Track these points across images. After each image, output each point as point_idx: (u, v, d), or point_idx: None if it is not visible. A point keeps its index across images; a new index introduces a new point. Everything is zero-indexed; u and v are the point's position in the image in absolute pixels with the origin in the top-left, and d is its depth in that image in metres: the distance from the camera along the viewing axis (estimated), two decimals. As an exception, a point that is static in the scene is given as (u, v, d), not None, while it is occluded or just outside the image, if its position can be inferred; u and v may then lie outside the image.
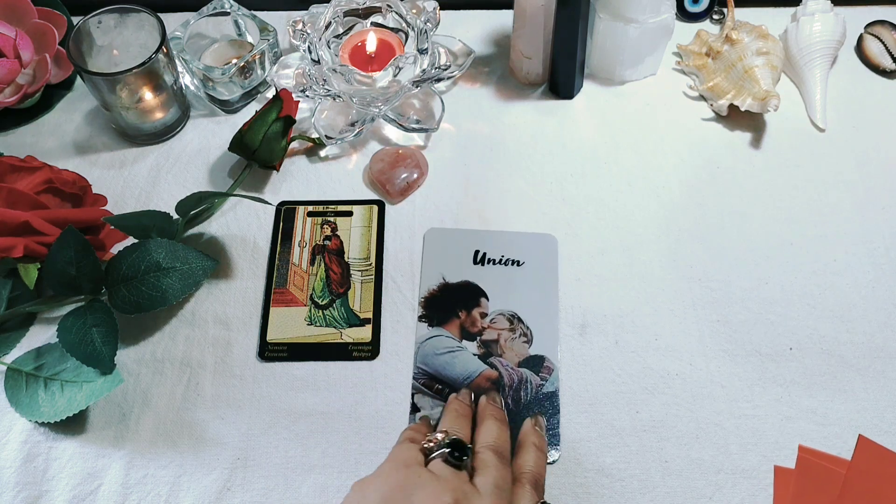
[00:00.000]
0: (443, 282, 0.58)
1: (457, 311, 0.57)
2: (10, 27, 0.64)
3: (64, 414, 0.51)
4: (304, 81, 0.64)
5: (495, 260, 0.59)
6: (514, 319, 0.57)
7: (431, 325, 0.57)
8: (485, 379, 0.54)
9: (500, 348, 0.55)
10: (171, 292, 0.54)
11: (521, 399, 0.53)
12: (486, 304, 0.57)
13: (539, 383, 0.54)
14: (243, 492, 0.50)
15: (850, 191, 0.63)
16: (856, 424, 0.52)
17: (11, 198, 0.54)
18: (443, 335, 0.56)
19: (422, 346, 0.56)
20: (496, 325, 0.56)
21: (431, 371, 0.55)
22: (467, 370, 0.54)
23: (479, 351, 0.55)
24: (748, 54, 0.65)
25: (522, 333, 0.56)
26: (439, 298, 0.58)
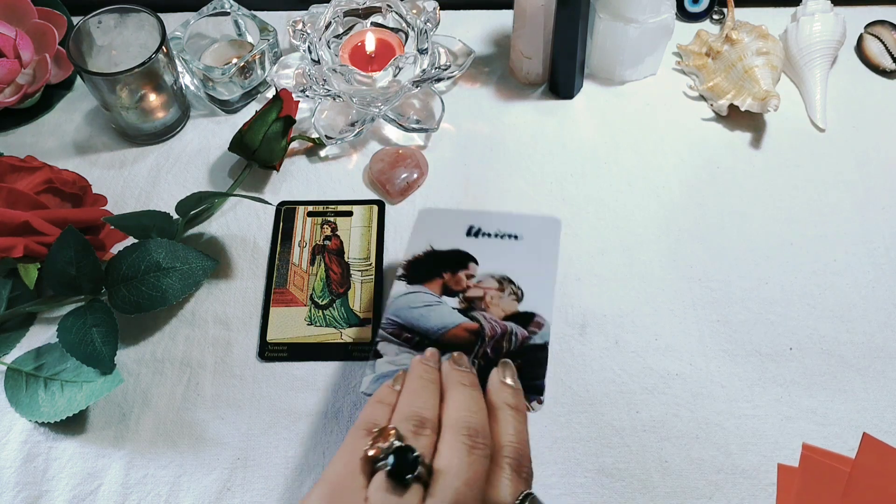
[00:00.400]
0: (430, 249, 0.52)
1: (441, 272, 0.50)
2: (10, 27, 0.64)
3: (64, 414, 0.51)
4: (304, 81, 0.64)
5: (490, 234, 0.52)
6: (505, 281, 0.50)
7: (410, 283, 0.50)
8: (463, 330, 0.47)
9: (484, 304, 0.48)
10: (171, 292, 0.54)
11: (502, 349, 0.46)
12: (475, 267, 0.51)
13: (525, 336, 0.47)
14: (243, 492, 0.51)
15: (850, 191, 0.63)
16: (856, 424, 0.52)
17: (11, 198, 0.54)
18: (421, 291, 0.49)
19: (395, 301, 0.49)
20: (483, 284, 0.50)
21: (403, 322, 0.48)
22: (443, 321, 0.48)
23: (461, 306, 0.48)
24: (748, 54, 0.65)
25: (512, 293, 0.49)
26: (423, 262, 0.51)
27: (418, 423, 0.39)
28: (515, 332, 0.47)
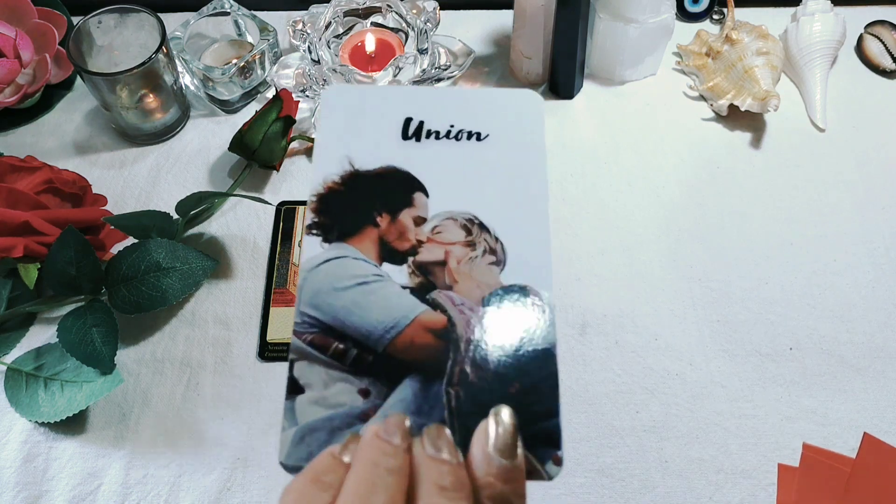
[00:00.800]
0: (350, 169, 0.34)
1: (372, 216, 0.33)
2: (10, 27, 0.64)
3: (64, 414, 0.51)
4: (304, 81, 0.64)
5: (440, 132, 0.35)
6: (474, 227, 0.33)
7: (329, 239, 0.33)
8: (423, 329, 0.31)
9: (448, 275, 0.32)
10: (171, 292, 0.54)
11: (488, 362, 0.30)
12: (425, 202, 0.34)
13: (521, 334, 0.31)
14: (243, 492, 0.50)
15: (850, 191, 0.63)
16: (856, 424, 0.52)
17: (11, 198, 0.54)
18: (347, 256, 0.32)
19: (311, 276, 0.32)
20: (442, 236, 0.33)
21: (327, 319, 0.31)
22: (391, 315, 0.31)
23: (413, 281, 0.32)
24: (748, 54, 0.65)
25: (488, 249, 0.33)
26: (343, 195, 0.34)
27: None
28: None
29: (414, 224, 0.33)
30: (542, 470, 0.28)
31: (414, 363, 0.30)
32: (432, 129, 0.35)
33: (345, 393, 0.30)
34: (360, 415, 0.29)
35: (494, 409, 0.28)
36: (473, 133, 0.35)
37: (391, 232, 0.33)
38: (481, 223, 0.33)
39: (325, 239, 0.33)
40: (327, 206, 0.33)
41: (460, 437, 0.28)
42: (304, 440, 0.30)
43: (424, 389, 0.30)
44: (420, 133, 0.35)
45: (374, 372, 0.30)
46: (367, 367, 0.30)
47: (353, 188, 0.34)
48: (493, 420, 0.27)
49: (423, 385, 0.30)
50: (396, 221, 0.33)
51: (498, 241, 0.33)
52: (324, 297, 0.31)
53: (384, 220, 0.33)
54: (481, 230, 0.33)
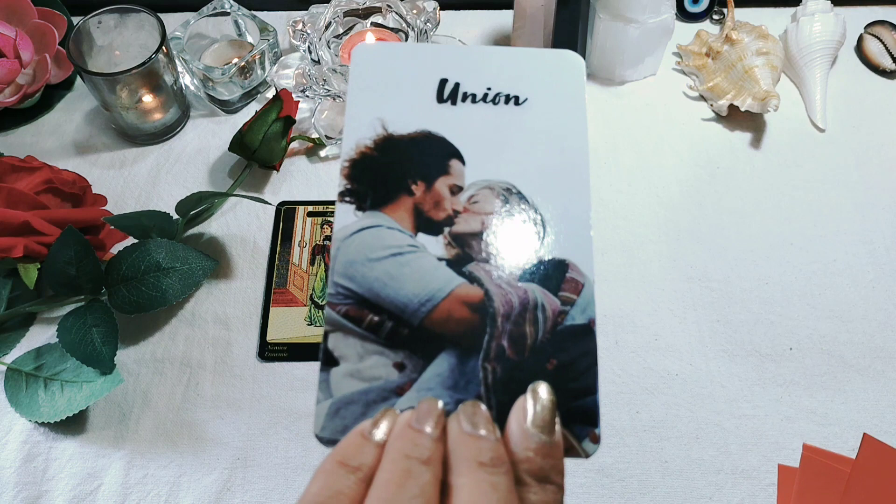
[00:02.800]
0: (383, 133, 0.33)
1: (407, 184, 0.32)
2: (10, 27, 0.64)
3: (64, 414, 0.51)
4: (304, 81, 0.64)
5: (476, 95, 0.34)
6: (512, 196, 0.32)
7: (362, 207, 0.32)
8: (459, 303, 0.30)
9: (485, 247, 0.31)
10: (171, 292, 0.54)
11: (525, 338, 0.30)
12: (461, 170, 0.33)
13: (559, 309, 0.30)
14: (243, 492, 0.50)
15: (850, 191, 0.63)
16: (856, 424, 0.52)
17: (11, 198, 0.54)
18: (382, 226, 0.31)
19: (344, 245, 0.31)
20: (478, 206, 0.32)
21: (362, 291, 0.30)
22: (427, 288, 0.31)
23: (449, 253, 0.31)
24: (748, 54, 0.65)
25: (528, 219, 0.32)
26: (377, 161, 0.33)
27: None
28: (542, 304, 0.30)
29: (450, 193, 0.32)
30: (578, 447, 0.28)
31: (450, 337, 0.30)
32: (469, 92, 0.34)
33: (380, 366, 0.30)
34: (396, 389, 0.29)
35: (532, 384, 0.28)
36: (512, 97, 0.34)
37: (426, 201, 0.32)
38: (519, 193, 0.32)
39: (359, 207, 0.32)
40: (360, 173, 0.32)
41: (497, 413, 0.28)
42: (339, 413, 0.29)
43: (461, 364, 0.29)
44: (456, 96, 0.34)
45: (410, 345, 0.30)
46: (402, 341, 0.30)
47: (387, 153, 0.32)
48: (531, 396, 0.27)
49: (460, 360, 0.29)
50: (432, 190, 0.32)
51: (537, 211, 0.32)
52: (358, 267, 0.30)
53: (419, 188, 0.32)
54: (520, 200, 0.32)
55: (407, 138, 0.33)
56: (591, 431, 0.28)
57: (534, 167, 0.32)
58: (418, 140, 0.33)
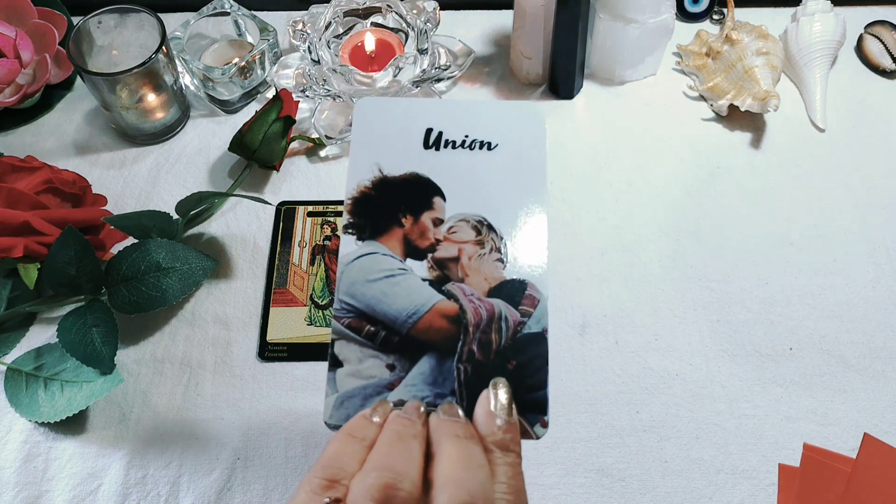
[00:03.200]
0: (379, 175, 0.41)
1: (398, 217, 0.40)
2: (10, 27, 0.64)
3: (64, 414, 0.51)
4: (304, 81, 0.64)
5: (456, 142, 0.41)
6: (483, 227, 0.39)
7: (362, 237, 0.39)
8: (439, 315, 0.37)
9: (461, 270, 0.39)
10: (171, 292, 0.54)
11: (491, 344, 0.37)
12: (442, 206, 0.40)
13: (519, 320, 0.37)
14: (243, 492, 0.50)
15: (850, 191, 0.63)
16: (856, 424, 0.52)
17: (11, 198, 0.54)
18: (378, 253, 0.39)
19: (347, 269, 0.39)
20: (456, 235, 0.39)
21: (361, 306, 0.38)
22: (413, 303, 0.38)
23: (431, 274, 0.39)
24: (748, 54, 0.65)
25: (494, 248, 0.39)
26: (373, 199, 0.40)
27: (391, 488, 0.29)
28: (505, 317, 0.37)
29: (433, 225, 0.39)
30: (531, 431, 0.35)
31: (431, 343, 0.37)
32: (450, 139, 0.41)
33: (375, 367, 0.37)
34: (388, 385, 0.37)
35: (493, 380, 0.35)
36: (485, 143, 0.41)
37: (414, 232, 0.39)
38: (489, 224, 0.39)
39: (359, 237, 0.39)
40: (360, 209, 0.40)
41: (467, 404, 0.35)
42: (343, 404, 0.36)
43: (439, 365, 0.37)
44: (439, 143, 0.41)
45: (399, 350, 0.37)
46: (393, 346, 0.37)
47: (382, 192, 0.40)
48: (492, 388, 0.34)
49: (439, 361, 0.37)
50: (418, 222, 0.39)
51: (503, 240, 0.39)
52: (358, 287, 0.38)
53: (408, 221, 0.40)
54: (489, 231, 0.39)
55: (399, 179, 0.40)
56: (542, 418, 0.35)
57: (502, 202, 0.40)
58: (408, 180, 0.41)
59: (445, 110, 0.42)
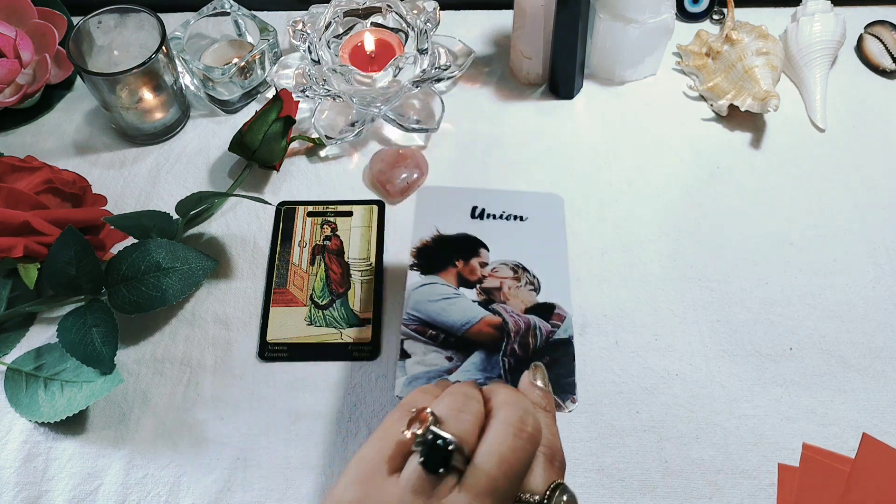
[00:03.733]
0: (437, 233, 0.52)
1: (453, 261, 0.51)
2: (10, 27, 0.64)
3: (64, 414, 0.51)
4: (304, 81, 0.64)
5: (495, 215, 0.53)
6: (519, 269, 0.51)
7: (423, 273, 0.51)
8: (486, 325, 0.49)
9: (503, 296, 0.50)
10: (171, 292, 0.54)
11: (529, 345, 0.48)
12: (486, 254, 0.52)
13: (550, 330, 0.48)
14: (243, 492, 0.50)
15: (850, 191, 0.63)
16: (856, 424, 0.52)
17: (11, 198, 0.54)
18: (437, 283, 0.50)
19: (413, 292, 0.50)
20: (498, 273, 0.51)
21: (424, 317, 0.49)
22: (466, 316, 0.49)
23: (479, 298, 0.50)
24: (748, 54, 0.65)
25: (529, 282, 0.50)
26: (433, 248, 0.52)
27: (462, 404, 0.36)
28: (539, 327, 0.48)
29: (480, 266, 0.52)
30: (563, 405, 0.47)
31: (480, 343, 0.48)
32: (490, 213, 0.55)
33: (437, 358, 0.48)
34: (447, 371, 0.48)
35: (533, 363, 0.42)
36: (517, 216, 0.55)
37: (465, 270, 0.52)
38: (524, 267, 0.52)
39: (422, 273, 0.52)
40: (421, 254, 0.53)
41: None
42: (411, 384, 0.47)
43: (488, 358, 0.48)
44: (483, 215, 0.54)
45: (455, 347, 0.49)
46: (450, 345, 0.49)
47: (439, 245, 0.53)
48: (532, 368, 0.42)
49: (487, 356, 0.48)
50: (469, 264, 0.52)
51: (535, 277, 0.52)
52: (422, 304, 0.50)
53: (460, 263, 0.52)
54: (524, 271, 0.52)
55: (452, 236, 0.54)
56: (571, 396, 0.48)
57: (532, 254, 0.53)
58: (460, 237, 0.54)
59: (490, 194, 0.55)
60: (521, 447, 0.34)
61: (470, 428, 0.35)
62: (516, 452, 0.34)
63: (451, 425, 0.34)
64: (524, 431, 0.35)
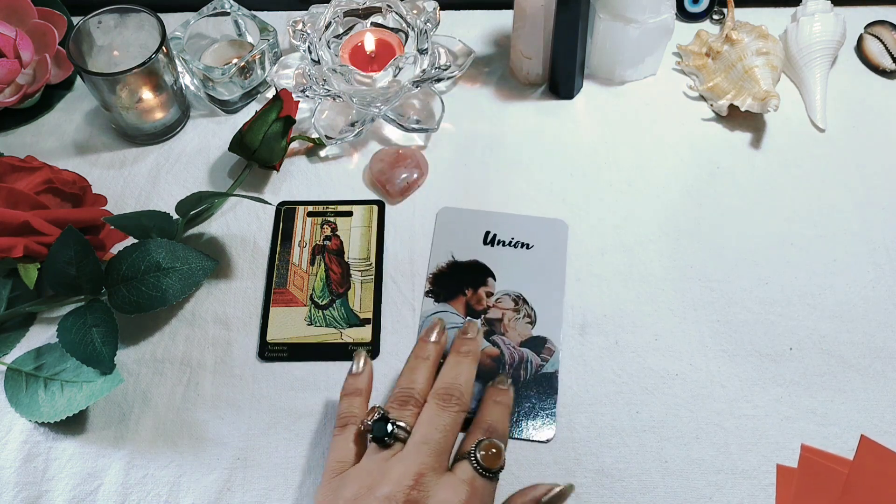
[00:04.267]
0: (452, 259, 0.59)
1: (463, 289, 0.58)
2: (10, 27, 0.64)
3: (64, 414, 0.51)
4: (304, 81, 0.64)
5: (505, 241, 0.60)
6: (520, 300, 0.57)
7: (438, 300, 0.57)
8: (486, 356, 0.55)
9: (503, 327, 0.56)
10: (171, 292, 0.54)
11: (520, 377, 0.54)
12: (493, 283, 0.58)
13: (539, 363, 0.54)
14: (243, 492, 0.50)
15: (850, 191, 0.63)
16: (856, 424, 0.52)
17: (11, 198, 0.54)
18: (448, 311, 0.57)
19: (427, 321, 0.56)
20: (501, 304, 0.57)
21: None
22: None
23: (483, 328, 0.56)
24: (748, 54, 0.65)
25: (527, 314, 0.56)
26: (447, 275, 0.58)
27: (404, 400, 0.48)
28: (530, 360, 0.54)
29: (486, 296, 0.58)
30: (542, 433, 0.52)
31: (479, 373, 0.51)
32: (501, 239, 0.60)
33: None
34: None
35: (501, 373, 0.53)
36: (524, 243, 0.60)
37: (473, 299, 0.57)
38: (524, 299, 0.57)
39: (436, 300, 0.58)
40: (437, 281, 0.58)
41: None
42: None
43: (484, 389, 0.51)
44: (494, 241, 0.60)
45: None
46: None
47: (454, 271, 0.59)
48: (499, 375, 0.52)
49: (483, 387, 0.52)
50: (477, 293, 0.58)
51: (533, 310, 0.57)
52: None
53: (469, 292, 0.58)
54: (524, 303, 0.57)
55: (465, 264, 0.59)
56: (552, 424, 0.52)
57: (534, 284, 0.58)
58: (472, 265, 0.59)
59: (501, 219, 0.61)
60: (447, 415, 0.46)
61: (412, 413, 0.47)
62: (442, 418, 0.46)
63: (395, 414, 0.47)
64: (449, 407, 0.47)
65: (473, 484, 0.44)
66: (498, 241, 0.60)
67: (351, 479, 0.44)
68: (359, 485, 0.43)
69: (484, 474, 0.44)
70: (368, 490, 0.43)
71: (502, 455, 0.45)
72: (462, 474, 0.44)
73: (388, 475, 0.43)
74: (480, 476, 0.44)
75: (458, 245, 0.60)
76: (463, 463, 0.45)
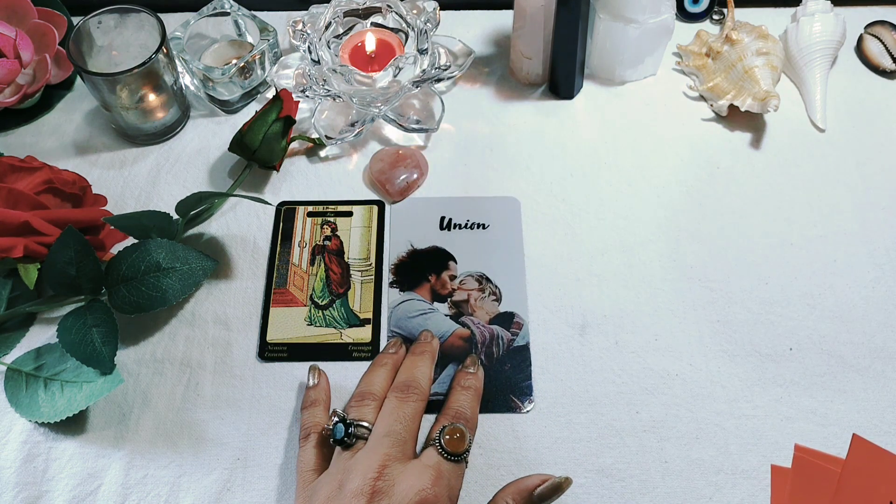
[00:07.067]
0: (411, 248, 0.60)
1: (427, 276, 0.58)
2: (10, 27, 0.64)
3: (64, 414, 0.51)
4: (304, 81, 0.64)
5: (461, 224, 0.60)
6: (483, 279, 0.58)
7: (403, 289, 0.58)
8: (457, 338, 0.55)
9: (470, 308, 0.57)
10: (171, 292, 0.54)
11: (493, 354, 0.55)
12: (455, 266, 0.59)
13: (510, 338, 0.55)
14: (243, 492, 0.51)
15: (850, 191, 0.63)
16: (856, 424, 0.52)
17: (11, 198, 0.54)
18: (414, 299, 0.57)
19: (394, 310, 0.57)
20: (465, 286, 0.58)
21: (405, 334, 0.56)
22: (440, 330, 0.56)
23: (451, 311, 0.57)
24: (748, 54, 0.65)
25: (492, 292, 0.57)
26: (409, 264, 0.59)
27: (362, 397, 0.50)
28: (501, 336, 0.55)
29: (450, 279, 0.58)
30: (522, 406, 0.53)
31: (452, 356, 0.55)
32: (456, 222, 0.61)
33: None
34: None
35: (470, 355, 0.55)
36: (480, 224, 0.61)
37: (437, 284, 0.58)
38: (487, 277, 0.58)
39: (401, 289, 0.58)
40: (399, 271, 0.59)
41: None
42: None
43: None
44: (450, 225, 0.61)
45: None
46: None
47: (414, 259, 0.59)
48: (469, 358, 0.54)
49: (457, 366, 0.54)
50: (440, 278, 0.58)
51: (497, 287, 0.58)
52: (403, 321, 0.56)
53: (433, 278, 0.58)
54: (487, 282, 0.58)
55: (425, 251, 0.60)
56: (529, 398, 0.53)
57: (494, 263, 0.59)
58: (431, 251, 0.60)
59: (454, 203, 0.62)
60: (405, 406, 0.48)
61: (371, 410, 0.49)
62: (402, 409, 0.48)
63: (354, 413, 0.49)
64: (408, 399, 0.49)
65: (439, 468, 0.45)
66: (454, 225, 0.60)
67: (322, 484, 0.45)
68: (329, 486, 0.45)
69: (449, 458, 0.46)
70: (339, 488, 0.44)
71: (466, 438, 0.47)
72: (427, 460, 0.46)
73: (354, 470, 0.45)
74: (446, 460, 0.46)
75: (415, 234, 0.60)
76: (428, 449, 0.47)
